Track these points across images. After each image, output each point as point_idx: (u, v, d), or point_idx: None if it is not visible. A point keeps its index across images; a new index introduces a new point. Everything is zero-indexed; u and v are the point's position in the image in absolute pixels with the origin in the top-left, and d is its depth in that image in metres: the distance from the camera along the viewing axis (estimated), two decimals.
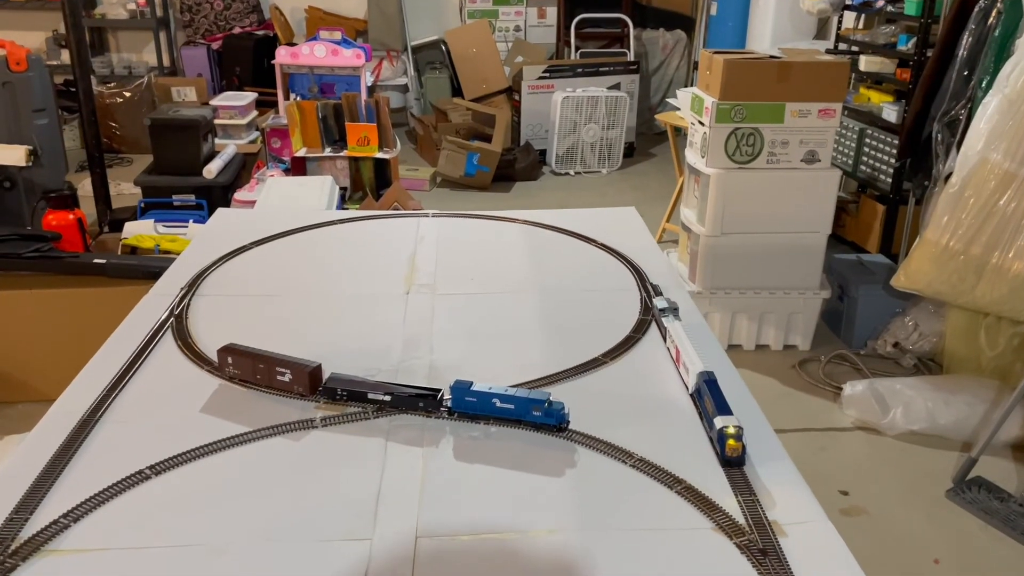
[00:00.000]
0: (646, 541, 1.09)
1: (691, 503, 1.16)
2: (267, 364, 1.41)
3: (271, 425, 1.32)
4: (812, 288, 3.39)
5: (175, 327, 1.65)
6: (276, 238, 2.14)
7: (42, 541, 1.07)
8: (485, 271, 1.96)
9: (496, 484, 1.21)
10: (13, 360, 2.94)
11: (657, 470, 1.22)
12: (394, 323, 1.70)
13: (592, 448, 1.28)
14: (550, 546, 1.08)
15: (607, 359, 1.55)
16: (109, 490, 1.17)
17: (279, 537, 1.10)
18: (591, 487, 1.20)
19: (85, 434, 1.30)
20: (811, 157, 3.24)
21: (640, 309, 1.74)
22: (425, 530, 1.11)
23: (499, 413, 1.33)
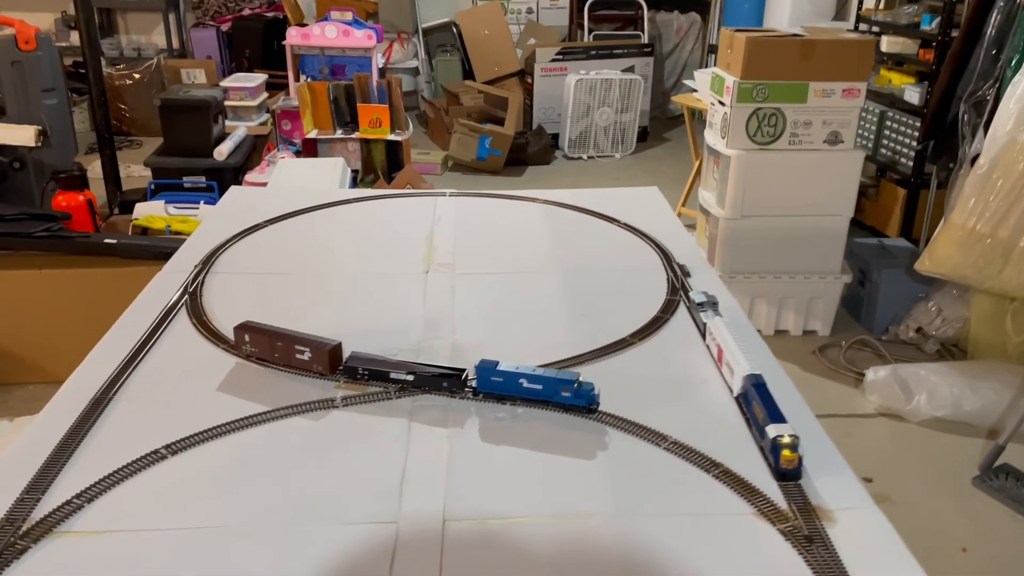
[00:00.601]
0: (684, 527, 1.05)
1: (730, 487, 1.11)
2: (285, 342, 1.37)
3: (290, 405, 1.28)
4: (833, 272, 3.32)
5: (189, 305, 1.60)
6: (291, 216, 2.09)
7: (54, 522, 1.03)
8: (506, 251, 1.91)
9: (525, 467, 1.16)
10: (23, 341, 2.91)
11: (693, 453, 1.17)
12: (414, 302, 1.65)
13: (623, 430, 1.23)
14: (585, 531, 1.03)
15: (635, 340, 1.49)
16: (123, 470, 1.13)
17: (301, 520, 1.05)
18: (624, 470, 1.15)
19: (98, 413, 1.25)
20: (834, 138, 3.17)
21: (667, 289, 1.69)
22: (453, 514, 1.06)
23: (526, 394, 1.28)
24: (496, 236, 2.00)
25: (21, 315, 2.89)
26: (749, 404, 1.24)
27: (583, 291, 1.71)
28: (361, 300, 1.67)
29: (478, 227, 2.05)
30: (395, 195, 2.31)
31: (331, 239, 1.98)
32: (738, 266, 3.29)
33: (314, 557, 0.99)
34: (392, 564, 0.98)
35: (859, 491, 1.10)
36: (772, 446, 1.12)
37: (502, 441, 1.21)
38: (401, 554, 0.99)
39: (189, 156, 4.33)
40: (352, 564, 0.98)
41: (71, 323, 2.88)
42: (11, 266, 2.90)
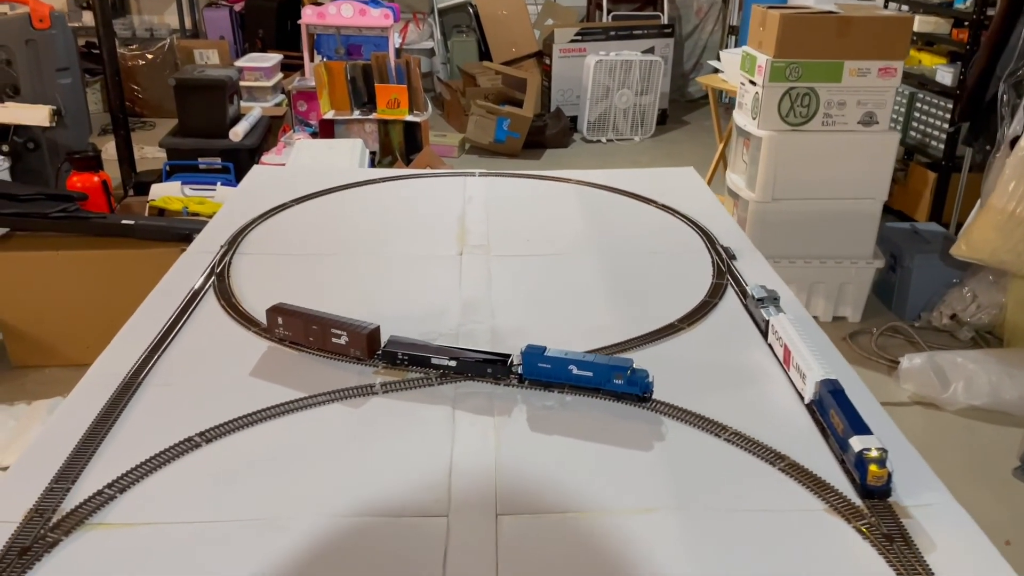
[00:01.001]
0: (752, 523, 0.98)
1: (798, 481, 1.04)
2: (321, 326, 1.31)
3: (327, 391, 1.22)
4: (865, 257, 3.24)
5: (217, 286, 1.54)
6: (317, 196, 2.03)
7: (85, 514, 0.97)
8: (541, 232, 1.84)
9: (578, 458, 1.10)
10: (40, 323, 2.86)
11: (755, 445, 1.11)
12: (449, 285, 1.58)
13: (680, 420, 1.16)
14: (645, 526, 0.97)
15: (683, 325, 1.43)
16: (156, 458, 1.07)
17: (345, 511, 0.99)
18: (683, 462, 1.09)
19: (128, 397, 1.20)
20: (869, 119, 3.08)
21: (712, 272, 1.62)
22: (506, 507, 1.00)
23: (576, 381, 1.21)
24: (530, 217, 1.94)
25: (37, 297, 2.84)
26: (825, 412, 1.12)
27: (624, 274, 1.64)
28: (394, 282, 1.61)
29: (510, 208, 1.98)
30: (423, 175, 2.24)
31: (360, 219, 1.92)
32: (767, 251, 3.18)
33: (361, 551, 0.93)
34: (445, 560, 0.92)
35: (937, 486, 1.04)
36: (857, 460, 1.01)
37: (552, 431, 1.15)
38: (454, 549, 0.94)
39: (204, 137, 4.25)
40: (402, 560, 0.93)
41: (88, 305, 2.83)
42: (27, 247, 2.85)
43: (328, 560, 0.92)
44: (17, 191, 2.95)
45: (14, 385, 2.81)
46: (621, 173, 2.19)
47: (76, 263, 2.86)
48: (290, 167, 3.39)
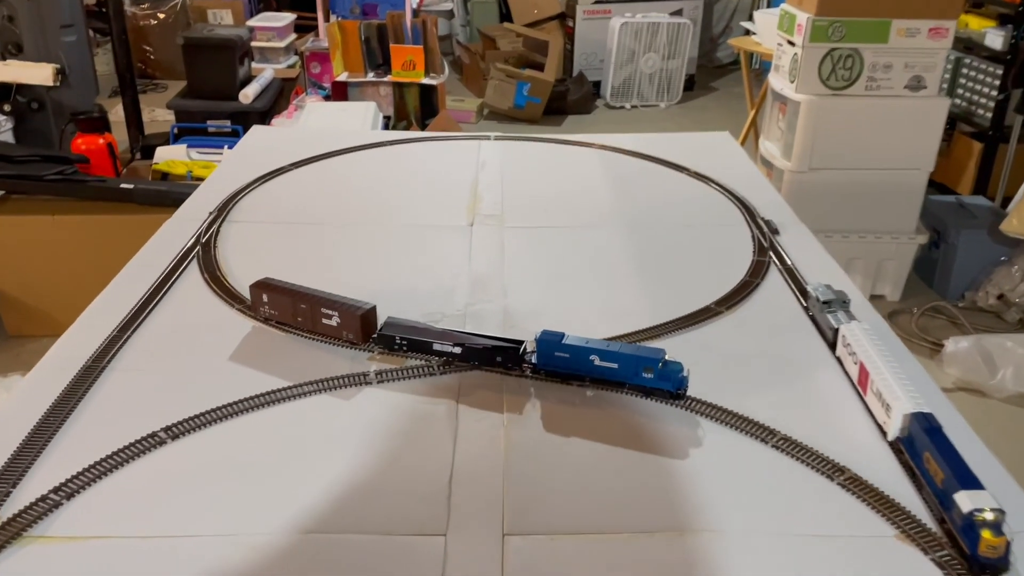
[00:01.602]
0: (805, 551, 0.82)
1: (862, 500, 0.88)
2: (310, 304, 1.15)
3: (315, 380, 1.07)
4: (907, 232, 3.04)
5: (201, 257, 1.39)
6: (319, 159, 1.87)
7: (25, 524, 0.83)
8: (560, 202, 1.67)
9: (600, 466, 0.94)
10: (36, 291, 2.74)
11: (809, 453, 0.94)
12: (457, 260, 1.42)
13: (719, 421, 1.00)
14: (678, 553, 0.82)
15: (721, 308, 1.26)
16: (113, 458, 0.92)
17: (327, 527, 0.84)
18: (725, 474, 0.93)
19: (87, 385, 1.05)
20: (916, 83, 2.86)
21: (753, 249, 1.45)
22: (515, 525, 0.85)
23: (598, 373, 1.05)
24: (548, 185, 1.77)
25: (33, 264, 2.71)
26: (917, 455, 0.90)
27: (653, 249, 1.47)
28: (397, 256, 1.45)
29: (527, 175, 1.81)
30: (433, 138, 2.08)
31: (363, 186, 1.76)
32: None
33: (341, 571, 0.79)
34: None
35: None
36: (965, 524, 0.79)
37: (571, 431, 0.99)
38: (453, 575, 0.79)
39: (213, 99, 4.11)
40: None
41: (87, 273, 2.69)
42: (23, 211, 2.72)
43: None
44: (11, 152, 2.82)
45: (9, 356, 2.70)
46: (650, 138, 2.01)
47: (73, 228, 2.73)
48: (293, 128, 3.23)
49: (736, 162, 1.86)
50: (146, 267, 1.36)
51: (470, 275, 1.36)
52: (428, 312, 1.23)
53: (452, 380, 1.08)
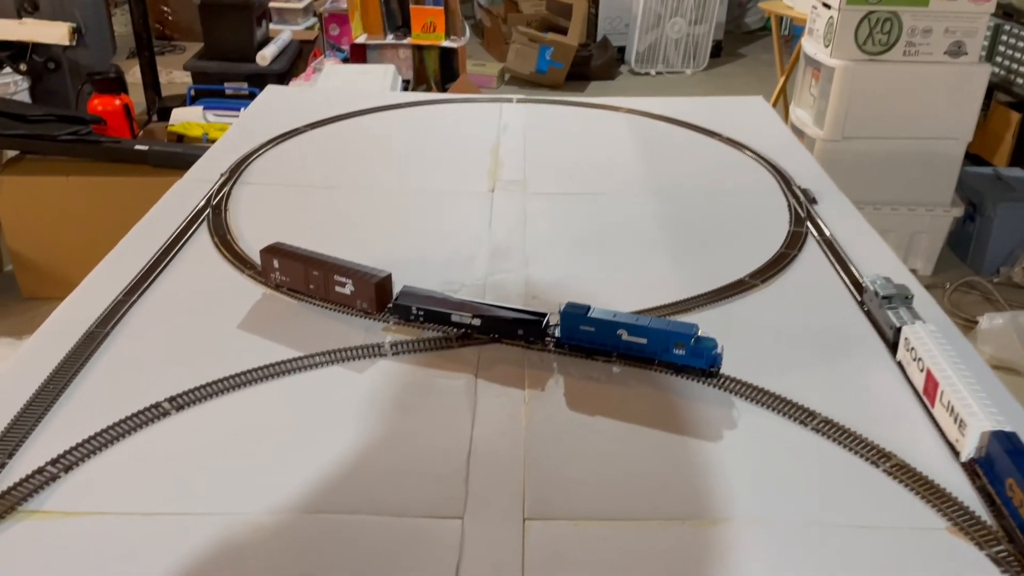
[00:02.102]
0: (848, 543, 0.77)
1: (910, 488, 0.82)
2: (323, 271, 1.10)
3: (326, 351, 1.01)
4: (942, 204, 2.94)
5: (211, 221, 1.34)
6: (335, 121, 1.80)
7: (19, 498, 0.79)
8: (586, 168, 1.60)
9: (627, 447, 0.88)
10: (51, 253, 2.71)
11: (852, 438, 0.88)
12: (477, 227, 1.36)
13: (755, 401, 0.94)
14: (710, 542, 0.76)
15: (756, 281, 1.19)
16: (113, 429, 0.88)
17: (337, 507, 0.80)
18: (761, 458, 0.87)
19: (90, 351, 1.01)
20: (957, 49, 2.74)
21: (790, 219, 1.37)
22: (535, 509, 0.80)
23: (626, 349, 0.99)
24: (573, 150, 1.69)
25: (48, 225, 2.68)
26: (998, 479, 0.80)
27: (683, 219, 1.40)
28: (415, 222, 1.39)
29: (551, 139, 1.74)
30: (453, 100, 2.00)
31: (380, 149, 1.69)
32: None
33: (352, 559, 0.74)
34: (458, 572, 0.72)
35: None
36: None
37: (596, 409, 0.93)
38: (470, 562, 0.74)
39: (230, 61, 4.04)
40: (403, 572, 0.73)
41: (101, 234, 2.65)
42: (37, 171, 2.68)
43: (310, 569, 0.73)
44: (26, 111, 2.77)
45: (24, 318, 2.68)
46: (680, 102, 1.92)
47: (87, 189, 2.68)
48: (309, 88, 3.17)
49: (771, 128, 1.78)
50: (154, 230, 1.31)
51: (490, 243, 1.30)
52: (446, 281, 1.18)
53: (471, 353, 1.03)
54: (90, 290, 1.14)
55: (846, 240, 1.29)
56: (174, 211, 1.36)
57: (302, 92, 2.44)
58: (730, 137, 1.71)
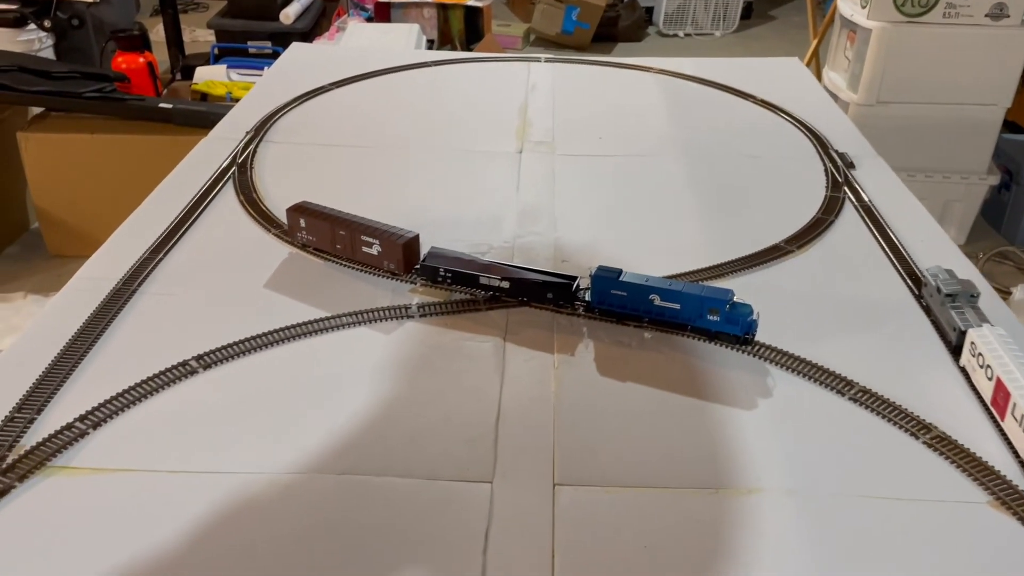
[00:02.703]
0: (886, 515, 0.75)
1: (950, 461, 0.80)
2: (350, 231, 1.08)
3: (354, 311, 1.00)
4: (978, 172, 2.87)
5: (237, 179, 1.33)
6: (361, 79, 1.78)
7: (48, 454, 0.79)
8: (616, 129, 1.57)
9: (659, 415, 0.87)
10: (75, 210, 2.71)
11: (891, 408, 0.86)
12: (505, 188, 1.34)
13: (791, 370, 0.92)
14: (744, 512, 0.75)
15: (792, 247, 1.16)
16: (142, 387, 0.87)
17: (363, 469, 0.79)
18: (796, 427, 0.85)
19: (118, 308, 1.00)
20: (999, 11, 2.65)
21: (826, 183, 1.34)
22: (566, 475, 0.78)
23: (658, 314, 0.97)
24: (603, 111, 1.66)
25: (73, 182, 2.68)
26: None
27: (716, 182, 1.37)
28: (442, 183, 1.36)
29: (581, 100, 1.70)
30: (481, 59, 1.97)
31: (407, 108, 1.67)
32: None
33: (378, 522, 0.73)
34: (486, 541, 0.71)
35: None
36: None
37: (627, 375, 0.92)
38: (499, 526, 0.73)
39: (254, 19, 4.01)
40: (430, 535, 0.72)
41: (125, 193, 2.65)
42: (61, 129, 2.67)
43: (337, 530, 0.72)
44: (50, 68, 2.76)
45: (51, 275, 2.70)
46: (713, 62, 1.87)
47: (112, 147, 2.68)
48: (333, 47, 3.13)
49: (806, 90, 1.73)
50: (180, 188, 1.29)
51: (519, 205, 1.28)
52: (474, 243, 1.16)
53: (499, 316, 1.01)
54: (116, 247, 1.13)
55: (885, 206, 1.25)
56: (199, 169, 1.35)
57: (327, 50, 2.40)
58: (764, 99, 1.66)
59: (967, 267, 1.10)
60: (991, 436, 0.83)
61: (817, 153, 1.43)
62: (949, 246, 1.14)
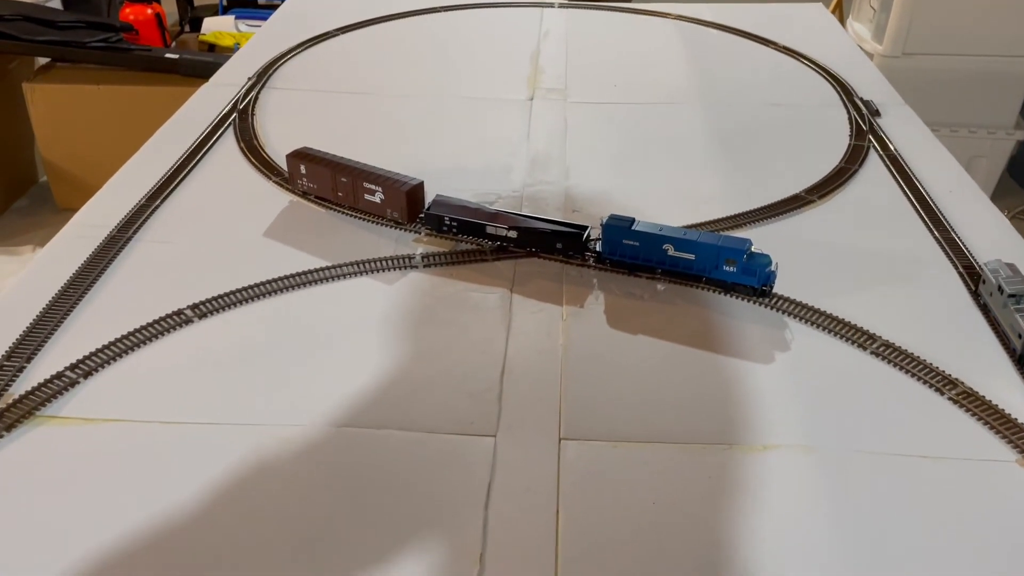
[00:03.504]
0: (910, 473, 0.71)
1: (977, 418, 0.76)
2: (352, 177, 1.04)
3: (355, 260, 0.97)
4: (1005, 127, 2.78)
5: (238, 125, 1.29)
6: (367, 25, 1.72)
7: (37, 403, 0.76)
8: (631, 76, 1.51)
9: (672, 369, 0.83)
10: (83, 163, 2.69)
11: (915, 363, 0.82)
12: (515, 136, 1.29)
13: (810, 323, 0.88)
14: (759, 469, 0.71)
15: (813, 197, 1.11)
16: (135, 336, 0.85)
17: (363, 422, 0.76)
18: (815, 382, 0.81)
19: (112, 256, 0.97)
20: None
21: (850, 132, 1.28)
22: (572, 429, 0.75)
23: (672, 265, 0.93)
24: (617, 58, 1.60)
25: (80, 134, 2.65)
26: None
27: (735, 131, 1.31)
28: (449, 130, 1.32)
29: (594, 46, 1.64)
30: (492, 4, 1.90)
31: (414, 54, 1.61)
32: None
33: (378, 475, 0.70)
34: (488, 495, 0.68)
35: None
36: None
37: (638, 328, 0.88)
38: (502, 480, 0.70)
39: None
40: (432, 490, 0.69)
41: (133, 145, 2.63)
42: (68, 79, 2.63)
43: (335, 483, 0.69)
44: (55, 17, 2.71)
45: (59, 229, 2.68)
46: (733, 8, 1.80)
47: (119, 98, 2.64)
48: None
49: (830, 37, 1.66)
50: (178, 134, 1.26)
51: (529, 154, 1.23)
52: (481, 192, 1.12)
53: (506, 267, 0.97)
54: (112, 195, 1.10)
55: (912, 156, 1.20)
56: (199, 115, 1.31)
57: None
58: (786, 46, 1.60)
59: (1001, 222, 1.05)
60: (1021, 392, 0.79)
61: (841, 101, 1.37)
62: (980, 198, 1.09)
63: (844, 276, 0.96)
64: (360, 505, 0.67)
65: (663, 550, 0.64)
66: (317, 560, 0.63)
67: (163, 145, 1.22)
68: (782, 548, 0.64)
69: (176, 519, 0.65)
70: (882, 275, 0.96)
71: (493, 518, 0.66)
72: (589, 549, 0.64)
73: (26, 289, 0.90)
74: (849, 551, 0.64)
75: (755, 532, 0.65)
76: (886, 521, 0.66)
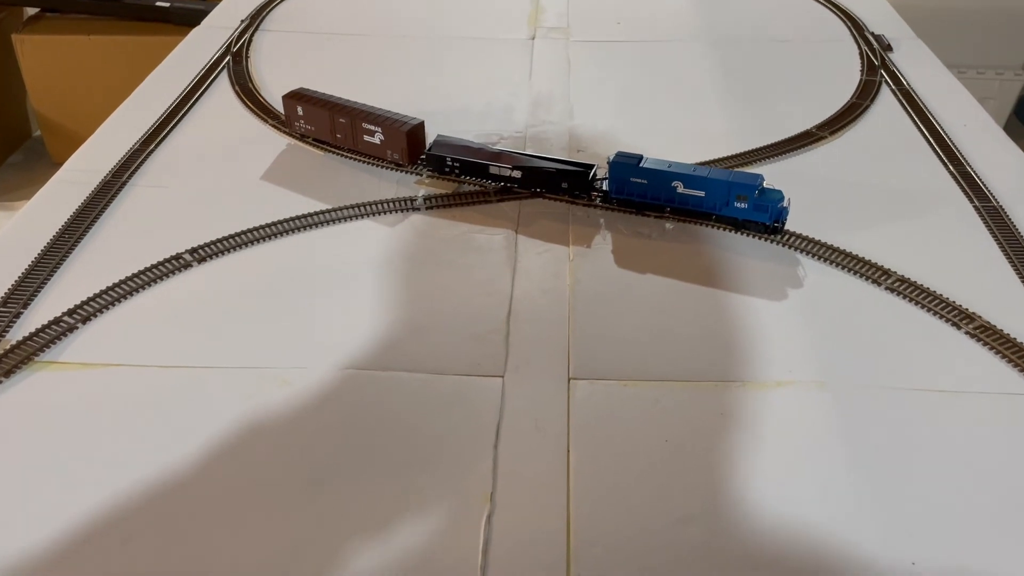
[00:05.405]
0: (927, 408, 0.70)
1: (995, 352, 0.75)
2: (350, 118, 1.01)
3: (356, 203, 0.94)
4: (1013, 67, 2.72)
5: (232, 68, 1.25)
6: None
7: (35, 348, 0.75)
8: (635, 13, 1.47)
9: (681, 307, 0.81)
10: (75, 116, 2.64)
11: (931, 297, 0.80)
12: (516, 76, 1.25)
13: (823, 259, 0.86)
14: (772, 405, 0.70)
15: (824, 133, 1.08)
16: (133, 280, 0.83)
17: (368, 364, 0.74)
18: (828, 319, 0.79)
19: (107, 200, 0.95)
20: None
21: (861, 67, 1.24)
22: (582, 369, 0.74)
23: (681, 202, 0.91)
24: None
25: (71, 86, 2.60)
26: None
27: (743, 67, 1.28)
28: (449, 70, 1.28)
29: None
30: None
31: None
32: None
33: (384, 417, 0.69)
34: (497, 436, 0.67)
35: None
36: None
37: (647, 268, 0.86)
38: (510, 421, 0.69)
39: None
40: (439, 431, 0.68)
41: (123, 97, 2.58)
42: (57, 30, 2.57)
43: (340, 425, 0.68)
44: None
45: None
46: None
47: (109, 49, 2.58)
48: None
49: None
50: (172, 78, 1.22)
51: (531, 93, 1.20)
52: (483, 133, 1.09)
53: (511, 208, 0.95)
54: (104, 139, 1.07)
55: (925, 90, 1.17)
56: (192, 59, 1.28)
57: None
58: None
59: (1018, 156, 1.02)
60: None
61: (851, 35, 1.34)
62: (996, 132, 1.06)
63: (857, 212, 0.94)
64: (366, 447, 0.66)
65: (675, 487, 0.63)
66: (322, 503, 0.62)
67: (156, 89, 1.19)
68: (797, 484, 0.63)
69: (177, 462, 0.64)
70: (896, 211, 0.94)
71: (503, 457, 0.65)
72: (601, 487, 0.63)
73: (20, 235, 0.88)
74: (865, 486, 0.63)
75: (769, 468, 0.64)
76: (903, 456, 0.65)
